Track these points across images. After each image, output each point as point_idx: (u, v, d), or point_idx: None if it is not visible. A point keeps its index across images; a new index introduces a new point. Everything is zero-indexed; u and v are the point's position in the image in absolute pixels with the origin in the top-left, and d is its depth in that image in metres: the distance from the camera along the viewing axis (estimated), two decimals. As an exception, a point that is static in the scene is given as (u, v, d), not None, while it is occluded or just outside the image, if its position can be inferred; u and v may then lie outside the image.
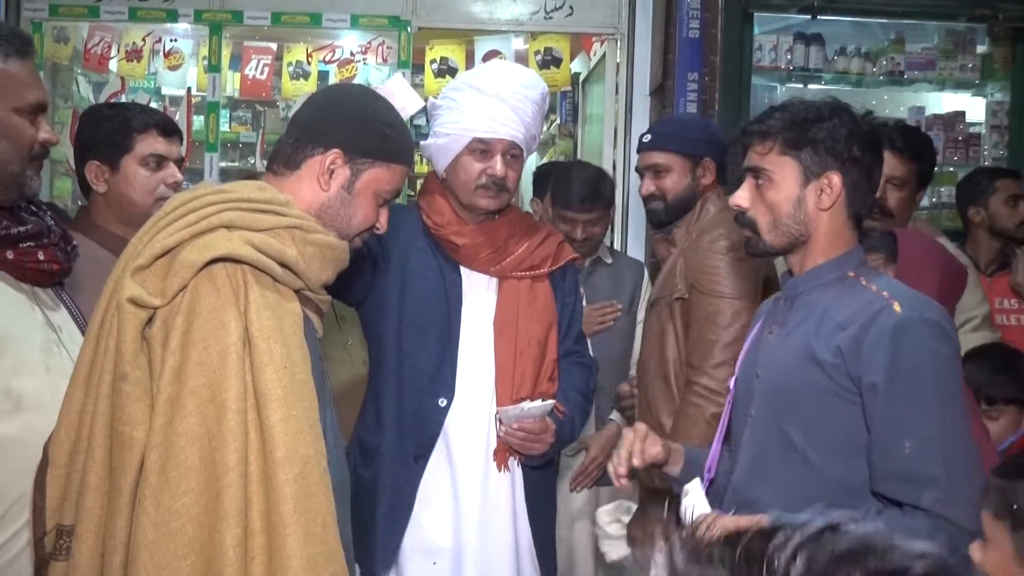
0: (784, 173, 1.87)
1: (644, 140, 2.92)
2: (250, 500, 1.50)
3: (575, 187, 3.40)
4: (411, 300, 2.42)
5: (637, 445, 1.93)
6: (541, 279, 2.53)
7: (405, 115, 2.10)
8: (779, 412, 1.87)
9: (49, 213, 1.98)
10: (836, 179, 1.86)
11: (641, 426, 1.99)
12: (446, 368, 2.41)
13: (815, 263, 1.90)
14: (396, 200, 1.89)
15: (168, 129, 2.48)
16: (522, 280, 2.50)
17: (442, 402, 2.41)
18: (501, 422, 2.41)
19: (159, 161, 2.44)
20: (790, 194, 1.87)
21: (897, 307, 1.77)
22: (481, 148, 2.39)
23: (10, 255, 1.82)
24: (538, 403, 2.41)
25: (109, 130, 2.42)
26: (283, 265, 1.64)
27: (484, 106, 2.37)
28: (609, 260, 3.52)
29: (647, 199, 2.87)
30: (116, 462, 1.53)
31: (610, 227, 3.96)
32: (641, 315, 3.40)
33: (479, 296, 2.48)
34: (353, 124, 1.76)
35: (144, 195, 2.43)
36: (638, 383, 2.89)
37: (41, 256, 1.87)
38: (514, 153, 2.43)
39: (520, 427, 2.38)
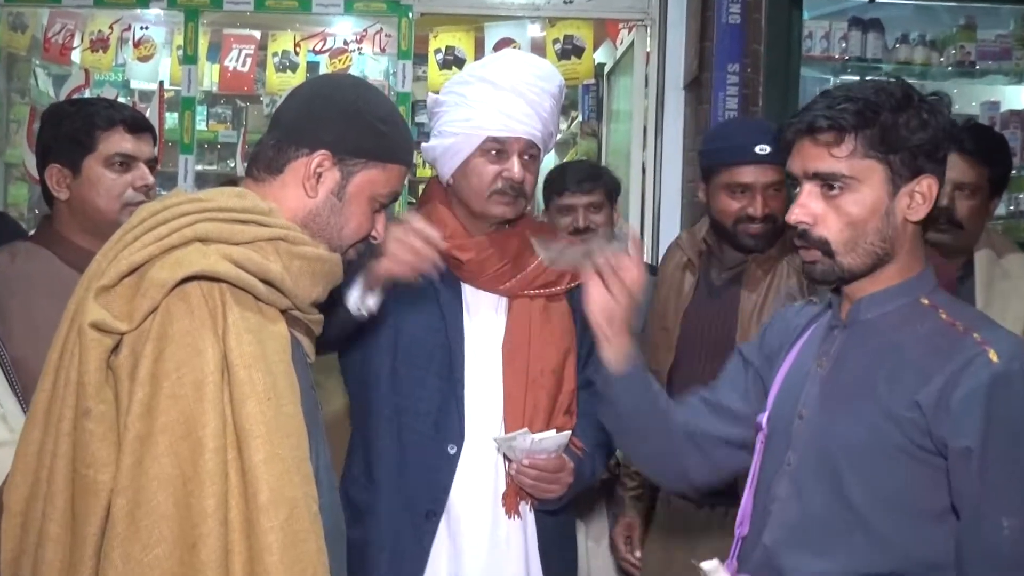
0: (870, 179, 1.74)
1: (760, 152, 2.77)
2: (231, 550, 1.50)
3: (570, 170, 3.51)
4: (404, 335, 2.41)
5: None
6: (558, 298, 2.51)
7: None
8: (833, 467, 1.74)
9: None
10: (932, 184, 1.75)
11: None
12: (451, 409, 2.39)
13: (884, 285, 1.79)
14: (395, 205, 1.89)
15: (137, 125, 2.48)
16: (535, 299, 2.48)
17: (451, 449, 2.38)
18: (508, 459, 2.38)
19: (126, 162, 2.44)
20: (878, 205, 1.75)
21: (993, 355, 1.64)
22: (495, 148, 2.39)
23: None
24: (551, 434, 2.37)
25: (70, 128, 2.43)
26: (266, 282, 1.64)
27: (498, 101, 2.37)
28: None
29: (763, 220, 2.80)
30: (79, 509, 1.53)
31: (647, 243, 3.97)
32: None
33: (485, 320, 2.47)
34: (342, 120, 1.77)
35: (109, 200, 2.43)
36: None
37: None
38: (532, 153, 2.43)
39: (532, 464, 2.36)
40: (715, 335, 2.85)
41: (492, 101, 2.37)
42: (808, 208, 1.77)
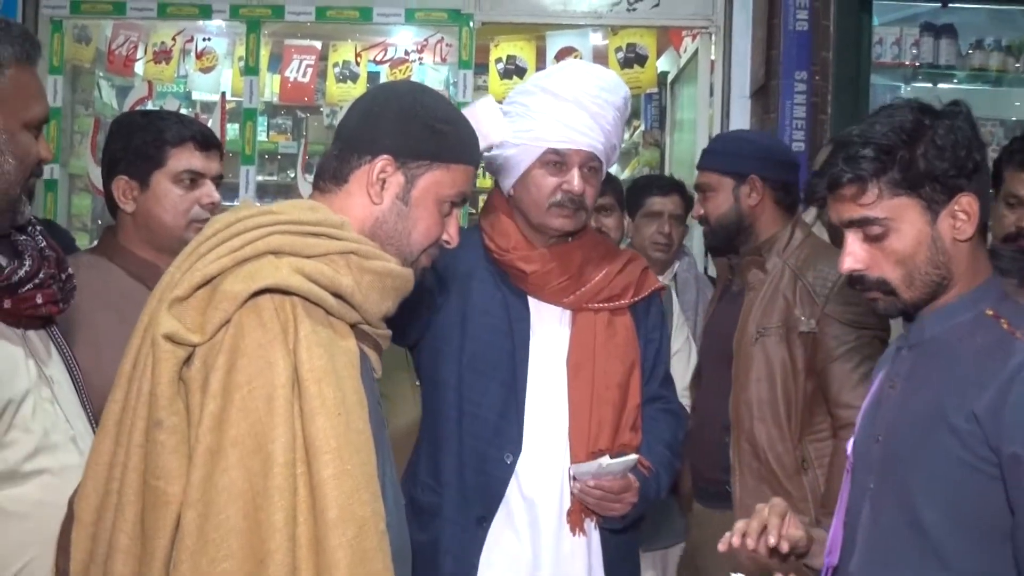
0: (906, 215, 1.75)
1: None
2: (298, 567, 1.51)
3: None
4: (472, 339, 2.42)
5: (774, 522, 1.80)
6: (622, 311, 2.51)
7: (484, 143, 2.11)
8: (905, 487, 1.74)
9: (38, 229, 1.98)
10: (972, 200, 1.75)
11: (779, 502, 1.87)
12: (511, 418, 2.40)
13: (945, 303, 1.79)
14: (463, 208, 1.89)
15: (207, 142, 2.51)
16: (600, 313, 2.48)
17: (508, 458, 2.40)
18: (575, 479, 2.39)
19: (195, 178, 2.48)
20: (921, 237, 1.76)
21: None
22: (555, 160, 2.40)
23: (7, 304, 1.84)
24: (619, 459, 2.37)
25: (140, 142, 2.46)
26: (337, 296, 1.66)
27: (559, 112, 2.38)
28: None
29: (698, 222, 3.08)
30: (149, 521, 1.55)
31: (688, 254, 4.01)
32: (677, 345, 3.50)
33: (550, 332, 2.47)
34: (400, 124, 1.78)
35: (176, 216, 2.46)
36: (732, 430, 2.89)
37: (39, 299, 1.88)
38: (592, 166, 2.43)
39: (597, 485, 2.35)
40: (726, 340, 2.98)
41: (553, 112, 2.38)
42: (856, 255, 1.80)
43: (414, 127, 1.79)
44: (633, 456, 2.41)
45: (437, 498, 2.42)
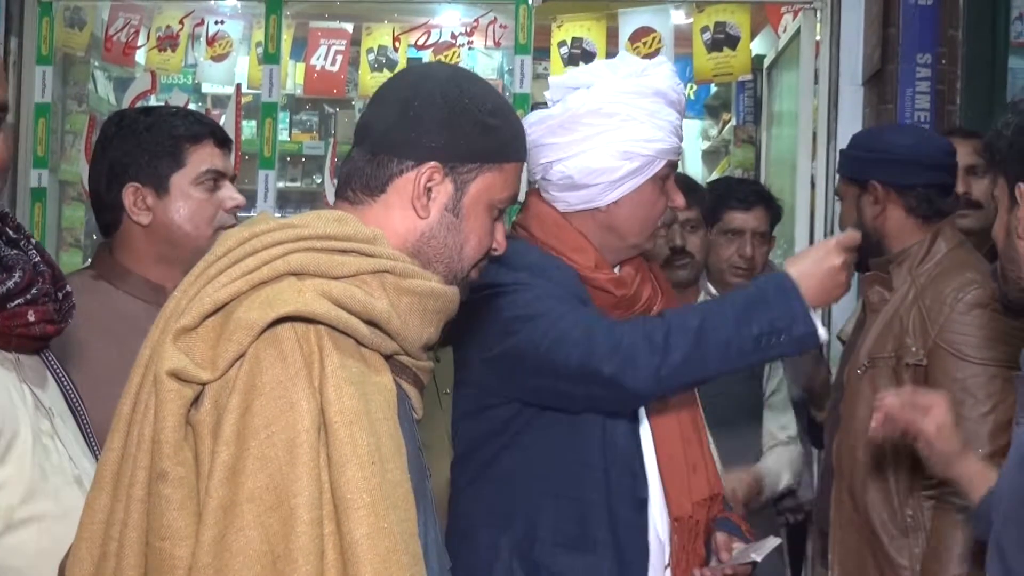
0: None
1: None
2: None
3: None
4: None
5: None
6: None
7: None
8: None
9: (32, 243, 2.01)
10: None
11: None
12: (638, 459, 2.49)
13: None
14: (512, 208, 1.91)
15: (225, 138, 2.59)
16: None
17: (646, 501, 2.49)
18: (719, 560, 2.49)
19: (216, 179, 2.54)
20: None
21: None
22: (664, 175, 2.48)
23: None
24: (765, 545, 2.48)
25: (151, 142, 2.51)
26: (371, 323, 1.67)
27: (670, 118, 2.46)
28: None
29: None
30: None
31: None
32: (772, 385, 3.59)
33: None
34: (448, 121, 1.79)
35: (200, 224, 2.50)
36: (834, 478, 2.91)
37: (31, 316, 1.91)
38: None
39: (735, 571, 2.46)
40: None
41: (668, 119, 2.45)
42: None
43: (463, 124, 1.79)
44: (777, 540, 2.53)
45: (592, 558, 2.46)
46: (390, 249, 1.73)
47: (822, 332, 2.24)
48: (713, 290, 3.79)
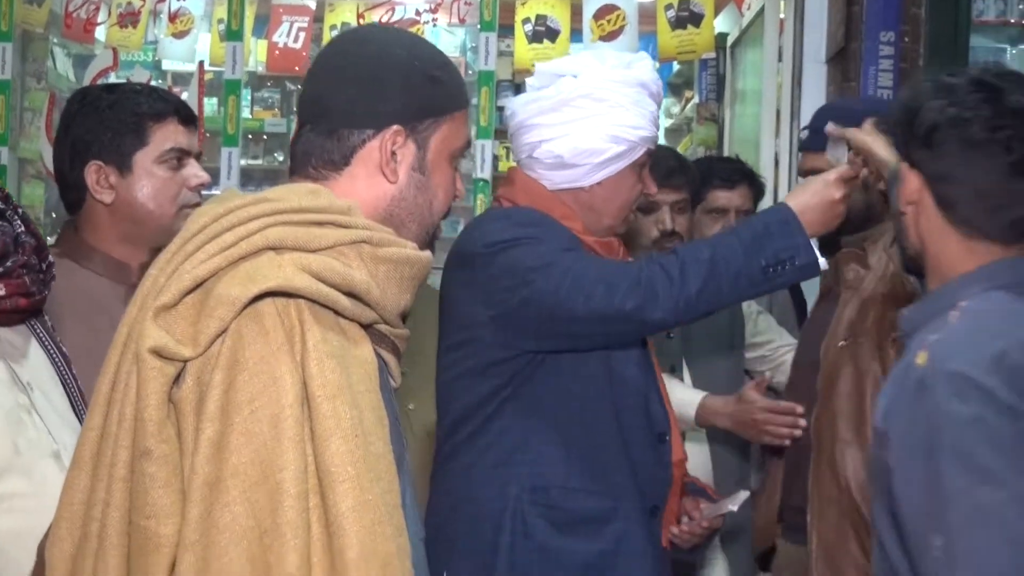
0: None
1: (802, 137, 3.12)
2: None
3: (657, 159, 3.64)
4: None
5: None
6: None
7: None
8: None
9: (19, 212, 2.00)
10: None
11: None
12: (654, 396, 2.63)
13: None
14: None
15: (190, 115, 2.57)
16: None
17: (666, 438, 2.63)
18: (690, 518, 2.65)
19: (181, 157, 2.52)
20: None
21: (922, 358, 1.86)
22: (643, 163, 2.62)
23: None
24: (741, 494, 2.65)
25: (114, 120, 2.49)
26: (350, 295, 1.66)
27: (651, 109, 2.61)
28: None
29: None
30: (137, 568, 1.55)
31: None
32: (753, 352, 3.73)
33: None
34: (403, 84, 1.78)
35: (164, 203, 2.49)
36: (812, 452, 2.93)
37: (2, 290, 1.90)
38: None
39: (710, 525, 2.65)
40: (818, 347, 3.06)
41: (650, 109, 2.60)
42: None
43: (416, 84, 1.80)
44: (746, 493, 2.71)
45: (609, 501, 2.55)
46: (364, 219, 1.73)
47: (822, 261, 2.38)
48: None
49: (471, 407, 2.58)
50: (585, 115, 2.55)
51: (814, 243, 2.37)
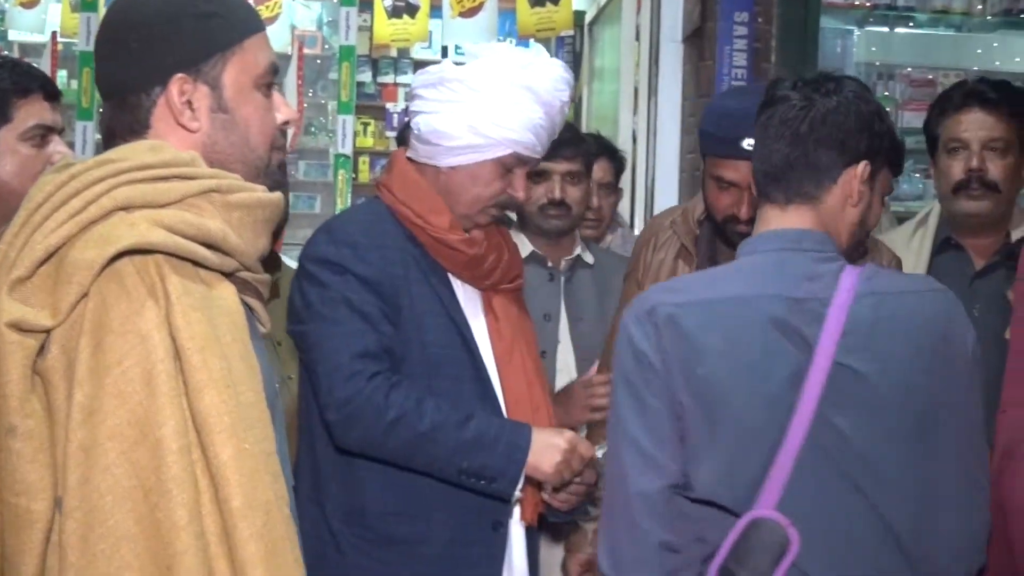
0: None
1: (749, 147, 2.78)
2: (212, 567, 1.52)
3: None
4: (431, 340, 2.57)
5: None
6: (520, 292, 2.74)
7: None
8: None
9: None
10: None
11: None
12: (491, 407, 2.59)
13: None
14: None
15: (54, 92, 2.50)
16: (509, 293, 2.70)
17: None
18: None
19: (46, 134, 2.46)
20: None
21: None
22: (510, 165, 2.56)
23: None
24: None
25: None
26: (207, 245, 1.65)
27: (533, 115, 2.54)
28: (591, 260, 3.60)
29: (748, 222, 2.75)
30: (11, 546, 1.53)
31: (639, 226, 4.07)
32: None
33: (473, 316, 2.66)
34: (171, 31, 1.75)
35: (28, 181, 2.36)
36: None
37: None
38: (531, 169, 2.67)
39: (583, 480, 2.57)
40: None
41: (530, 115, 2.53)
42: None
43: (187, 26, 1.76)
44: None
45: (422, 525, 2.54)
46: (209, 168, 1.71)
47: (516, 495, 2.49)
48: (620, 243, 3.89)
49: (302, 409, 2.62)
50: (454, 99, 2.53)
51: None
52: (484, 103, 2.53)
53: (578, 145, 3.54)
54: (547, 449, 2.44)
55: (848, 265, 2.02)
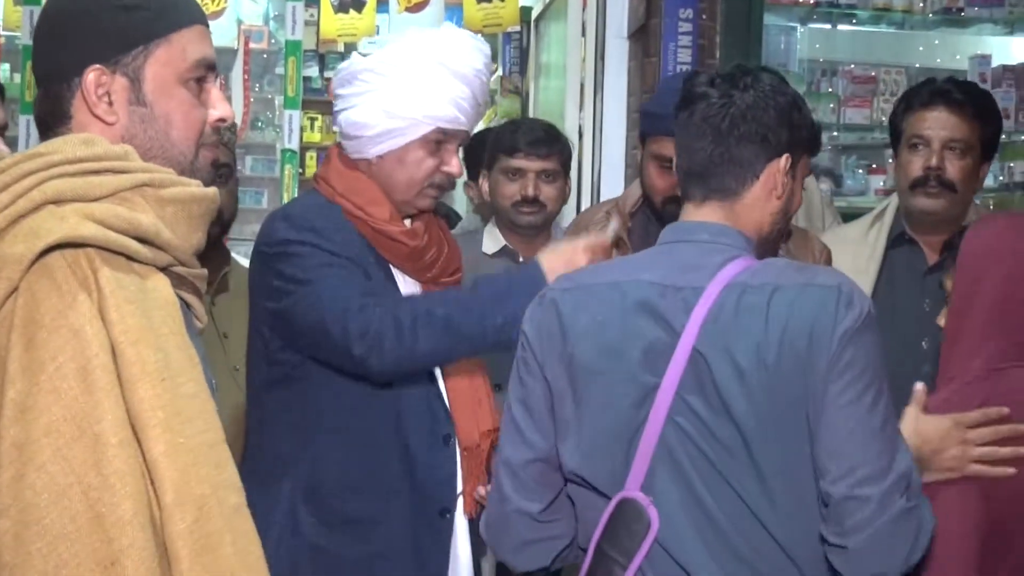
0: None
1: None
2: (166, 559, 1.53)
3: (524, 129, 3.72)
4: None
5: None
6: (459, 287, 2.77)
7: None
8: None
9: None
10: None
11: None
12: (437, 402, 2.62)
13: None
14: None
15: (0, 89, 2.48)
16: (448, 287, 2.73)
17: (451, 442, 2.63)
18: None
19: None
20: None
21: None
22: (438, 140, 2.58)
23: None
24: None
25: None
26: (140, 239, 1.63)
27: (452, 89, 2.55)
28: None
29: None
30: None
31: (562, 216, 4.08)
32: None
33: None
34: (87, 21, 1.74)
35: None
36: None
37: None
38: (462, 143, 2.67)
39: None
40: None
41: (446, 89, 2.54)
42: None
43: (104, 17, 1.73)
44: None
45: (380, 504, 2.56)
46: (142, 163, 1.70)
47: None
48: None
49: (258, 391, 2.63)
50: (366, 89, 2.55)
51: None
52: (395, 86, 2.53)
53: (552, 144, 3.63)
54: (556, 258, 2.46)
55: (742, 258, 2.03)
